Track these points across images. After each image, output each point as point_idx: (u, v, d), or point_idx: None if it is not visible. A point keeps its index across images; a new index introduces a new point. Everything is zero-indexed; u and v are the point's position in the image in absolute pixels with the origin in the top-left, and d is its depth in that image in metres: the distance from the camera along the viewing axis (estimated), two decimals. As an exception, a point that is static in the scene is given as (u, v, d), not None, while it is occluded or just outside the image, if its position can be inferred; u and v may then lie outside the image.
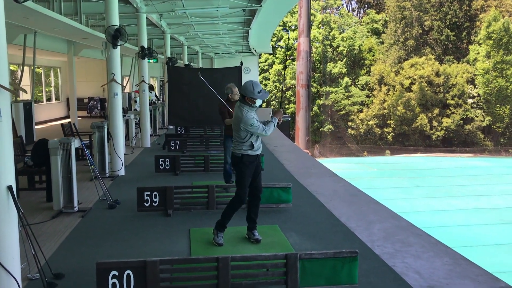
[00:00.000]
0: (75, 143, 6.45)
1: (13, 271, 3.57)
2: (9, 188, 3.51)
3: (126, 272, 3.71)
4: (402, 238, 5.62)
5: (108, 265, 3.71)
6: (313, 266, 3.88)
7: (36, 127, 17.32)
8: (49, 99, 22.97)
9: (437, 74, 44.22)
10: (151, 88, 17.27)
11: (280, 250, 5.01)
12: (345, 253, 3.94)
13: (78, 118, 19.18)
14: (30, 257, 4.31)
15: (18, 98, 13.71)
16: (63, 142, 6.27)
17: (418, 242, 5.48)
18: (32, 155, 6.90)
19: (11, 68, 18.96)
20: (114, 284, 3.70)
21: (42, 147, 6.57)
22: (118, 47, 8.84)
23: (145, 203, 6.39)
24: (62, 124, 10.33)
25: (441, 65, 44.88)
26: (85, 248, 5.12)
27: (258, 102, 5.13)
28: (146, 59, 13.18)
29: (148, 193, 6.41)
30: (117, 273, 3.70)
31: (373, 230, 5.92)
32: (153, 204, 6.40)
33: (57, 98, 23.46)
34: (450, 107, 43.69)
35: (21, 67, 13.45)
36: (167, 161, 9.19)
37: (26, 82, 18.71)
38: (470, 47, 46.02)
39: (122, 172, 9.13)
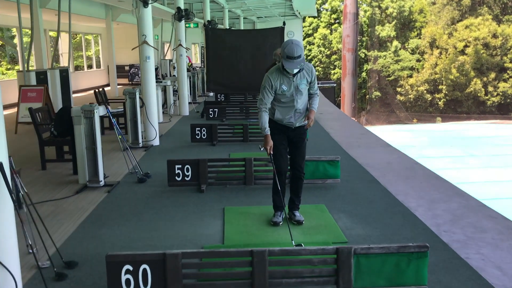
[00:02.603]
0: (100, 111, 5.85)
1: (9, 264, 2.99)
2: (-1, 166, 2.89)
3: (142, 266, 3.07)
4: (473, 222, 4.74)
5: (120, 258, 3.07)
6: (371, 263, 3.11)
7: (77, 95, 17.14)
8: (90, 67, 22.77)
9: (494, 36, 41.19)
10: None
11: (328, 236, 4.27)
12: (412, 248, 3.13)
13: (118, 86, 18.86)
14: (40, 242, 3.77)
15: (55, 65, 13.36)
16: (85, 110, 5.67)
17: (494, 227, 4.59)
18: (55, 124, 6.37)
19: (51, 34, 18.68)
20: (127, 280, 3.07)
21: (64, 115, 6.01)
22: (150, 6, 8.11)
23: (176, 177, 5.75)
24: (95, 92, 9.83)
25: (499, 26, 41.72)
26: (105, 229, 4.54)
27: (290, 69, 4.18)
28: (184, 22, 12.44)
29: (180, 166, 5.76)
30: (131, 268, 3.06)
31: (437, 211, 5.05)
32: (185, 178, 5.76)
33: (98, 66, 23.23)
34: (508, 71, 40.76)
35: (57, 32, 13.04)
36: (204, 131, 8.54)
37: (65, 49, 18.43)
38: (533, 5, 42.59)
39: (156, 142, 8.56)
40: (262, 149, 4.40)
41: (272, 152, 4.39)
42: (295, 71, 4.23)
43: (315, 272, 3.13)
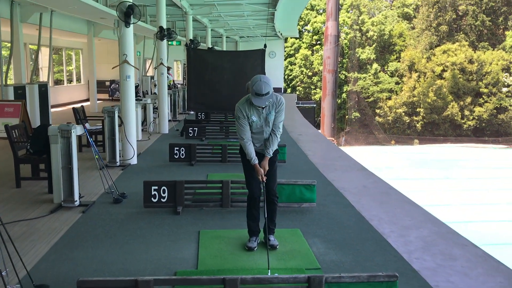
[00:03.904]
0: (77, 130, 5.83)
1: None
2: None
3: (113, 293, 3.07)
4: (443, 249, 4.83)
5: (91, 284, 3.06)
6: (341, 292, 3.16)
7: (56, 109, 16.99)
8: (70, 81, 22.62)
9: (471, 61, 42.42)
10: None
11: (302, 262, 4.31)
12: (382, 277, 3.20)
13: (98, 101, 18.76)
14: (12, 262, 3.72)
15: (35, 77, 13.24)
16: (63, 129, 5.65)
17: (464, 255, 4.69)
18: (32, 143, 6.32)
19: (33, 47, 18.54)
20: (98, 307, 3.06)
21: (41, 134, 5.97)
22: (131, 26, 8.16)
23: (152, 199, 5.75)
24: (73, 108, 9.77)
25: (475, 52, 43.03)
26: (79, 251, 4.50)
27: (258, 104, 4.24)
28: (166, 41, 12.53)
29: (156, 187, 5.75)
30: (102, 294, 3.06)
31: (409, 237, 5.14)
32: (161, 200, 5.75)
33: (78, 80, 23.09)
34: (483, 96, 41.95)
35: (38, 47, 12.97)
36: (182, 150, 8.55)
37: (45, 64, 18.29)
38: (506, 33, 43.99)
39: (134, 161, 8.53)
40: None
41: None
42: (262, 105, 4.30)
43: (287, 300, 3.17)
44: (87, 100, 20.96)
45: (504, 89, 42.28)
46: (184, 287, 3.24)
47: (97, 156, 6.32)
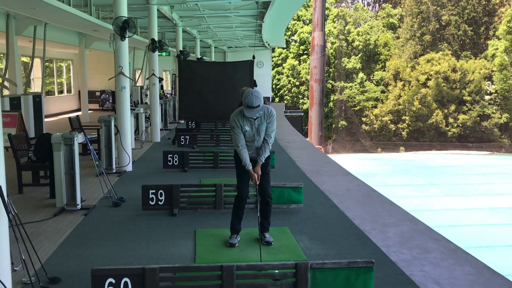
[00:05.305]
0: (79, 138, 6.22)
1: (3, 276, 3.33)
2: (-2, 188, 3.27)
3: (124, 280, 3.46)
4: (419, 244, 5.29)
5: (104, 272, 3.46)
6: (325, 276, 3.59)
7: (47, 119, 17.26)
8: (61, 92, 22.90)
9: (454, 70, 43.37)
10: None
11: (290, 256, 4.74)
12: (360, 263, 3.63)
13: (89, 111, 19.07)
14: (26, 259, 4.09)
15: (27, 89, 13.57)
16: (66, 137, 6.04)
17: (437, 248, 5.15)
18: (35, 151, 6.68)
19: (24, 59, 18.85)
20: (110, 292, 3.45)
21: (44, 142, 6.34)
22: (126, 39, 8.58)
23: (150, 202, 6.14)
24: (69, 118, 10.14)
25: (458, 61, 43.99)
26: (84, 249, 4.88)
27: (248, 113, 4.68)
28: (157, 52, 12.94)
29: (154, 191, 6.15)
30: (113, 281, 3.45)
31: (388, 234, 5.60)
32: (159, 202, 6.15)
33: (69, 91, 23.38)
34: (467, 104, 42.86)
35: (31, 59, 13.30)
36: (176, 157, 8.95)
37: (37, 75, 18.61)
38: (488, 42, 45.06)
39: (129, 168, 8.91)
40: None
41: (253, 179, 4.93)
42: (253, 116, 4.74)
43: (277, 284, 3.59)
44: (78, 110, 21.26)
45: (487, 97, 43.26)
46: (185, 275, 3.63)
47: (97, 163, 6.71)
